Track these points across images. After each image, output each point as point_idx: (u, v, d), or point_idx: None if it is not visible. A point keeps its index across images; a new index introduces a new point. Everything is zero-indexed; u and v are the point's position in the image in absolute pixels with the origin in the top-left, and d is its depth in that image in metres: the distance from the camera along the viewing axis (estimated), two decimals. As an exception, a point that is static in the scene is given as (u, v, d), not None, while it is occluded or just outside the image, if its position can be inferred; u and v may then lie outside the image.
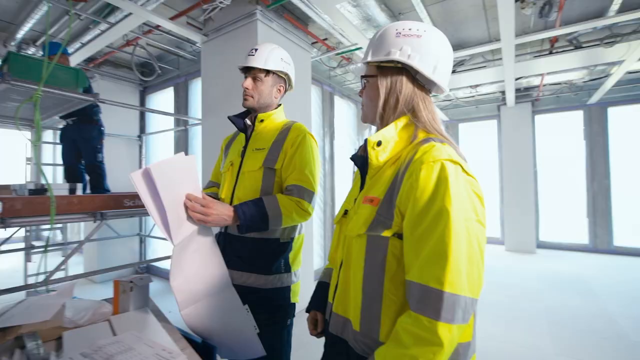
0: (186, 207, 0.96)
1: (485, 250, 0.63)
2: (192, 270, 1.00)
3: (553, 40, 3.72)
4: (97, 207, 2.22)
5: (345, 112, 5.48)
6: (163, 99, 4.77)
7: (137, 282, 1.02)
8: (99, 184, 3.05)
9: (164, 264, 4.06)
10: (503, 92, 5.70)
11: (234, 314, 1.07)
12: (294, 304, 1.25)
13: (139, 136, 4.50)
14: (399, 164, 0.71)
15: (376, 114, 0.79)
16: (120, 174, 3.51)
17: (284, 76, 1.31)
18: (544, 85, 5.37)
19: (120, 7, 2.64)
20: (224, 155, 1.43)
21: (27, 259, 3.54)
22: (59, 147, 3.26)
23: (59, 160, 5.17)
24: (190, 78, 4.34)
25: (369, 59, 0.78)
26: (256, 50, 1.26)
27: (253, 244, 1.18)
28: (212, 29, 3.00)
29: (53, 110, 2.84)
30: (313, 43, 3.64)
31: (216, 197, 1.32)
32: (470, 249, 0.60)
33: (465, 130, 7.04)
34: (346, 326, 0.75)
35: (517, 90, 5.49)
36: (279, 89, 1.32)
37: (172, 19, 2.94)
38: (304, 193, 1.15)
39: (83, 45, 3.35)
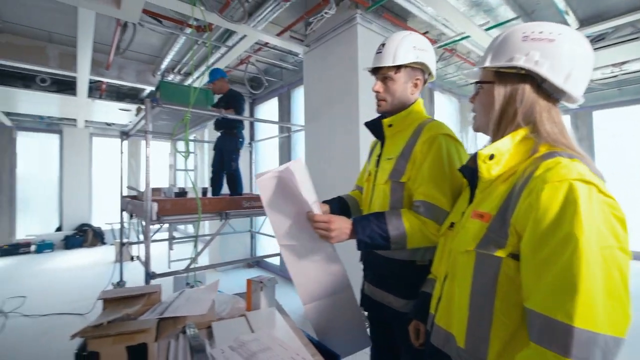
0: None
1: (629, 282, 0.54)
2: (312, 275, 1.08)
3: None
4: (222, 208, 2.59)
5: (447, 107, 5.08)
6: (268, 108, 5.25)
7: (267, 282, 1.12)
8: (234, 190, 3.42)
9: (271, 260, 4.52)
10: (663, 67, 4.44)
11: (349, 312, 1.12)
12: None
13: (250, 143, 5.04)
14: (514, 179, 0.66)
15: (489, 123, 0.73)
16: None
17: (419, 66, 1.11)
18: None
19: (237, 30, 2.99)
20: (367, 161, 1.33)
21: (170, 247, 4.34)
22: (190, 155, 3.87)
23: (189, 166, 6.21)
24: (292, 87, 4.65)
25: (487, 64, 0.72)
26: (383, 45, 1.09)
27: (387, 264, 1.08)
28: (313, 39, 3.14)
29: (189, 124, 3.40)
30: (412, 39, 3.48)
31: (356, 202, 1.32)
32: (610, 280, 0.52)
33: (602, 118, 5.70)
34: (449, 340, 0.73)
35: (687, 62, 4.19)
36: (416, 83, 1.12)
37: (278, 35, 3.20)
38: (432, 212, 0.96)
39: (208, 68, 3.91)
